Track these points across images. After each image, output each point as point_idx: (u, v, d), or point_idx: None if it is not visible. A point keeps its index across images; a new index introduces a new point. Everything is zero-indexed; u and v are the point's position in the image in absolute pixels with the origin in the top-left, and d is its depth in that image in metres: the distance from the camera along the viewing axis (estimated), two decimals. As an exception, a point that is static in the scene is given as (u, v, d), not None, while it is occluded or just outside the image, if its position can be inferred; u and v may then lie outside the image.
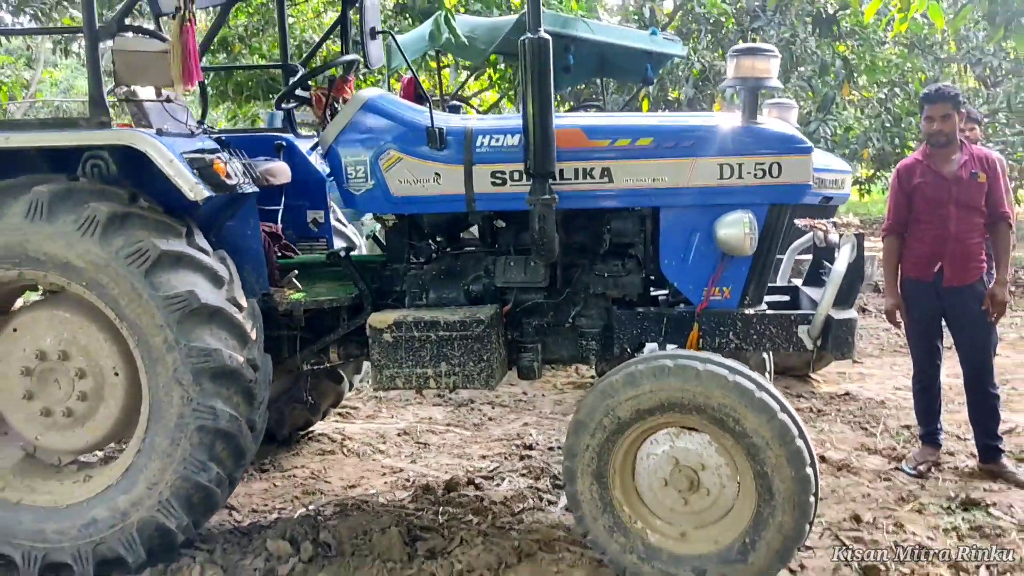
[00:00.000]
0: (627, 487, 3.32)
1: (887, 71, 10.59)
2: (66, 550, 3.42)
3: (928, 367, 4.68)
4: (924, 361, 4.68)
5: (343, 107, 3.83)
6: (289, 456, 4.91)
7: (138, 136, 3.29)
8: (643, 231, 3.73)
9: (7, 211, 3.26)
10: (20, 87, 13.63)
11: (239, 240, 3.71)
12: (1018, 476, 4.38)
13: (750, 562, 3.13)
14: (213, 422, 3.30)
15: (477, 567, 3.43)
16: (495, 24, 6.47)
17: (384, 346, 3.52)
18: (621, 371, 3.24)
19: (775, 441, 3.03)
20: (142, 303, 3.24)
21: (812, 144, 3.67)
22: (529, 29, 3.34)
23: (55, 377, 3.45)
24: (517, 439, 5.14)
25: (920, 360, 4.71)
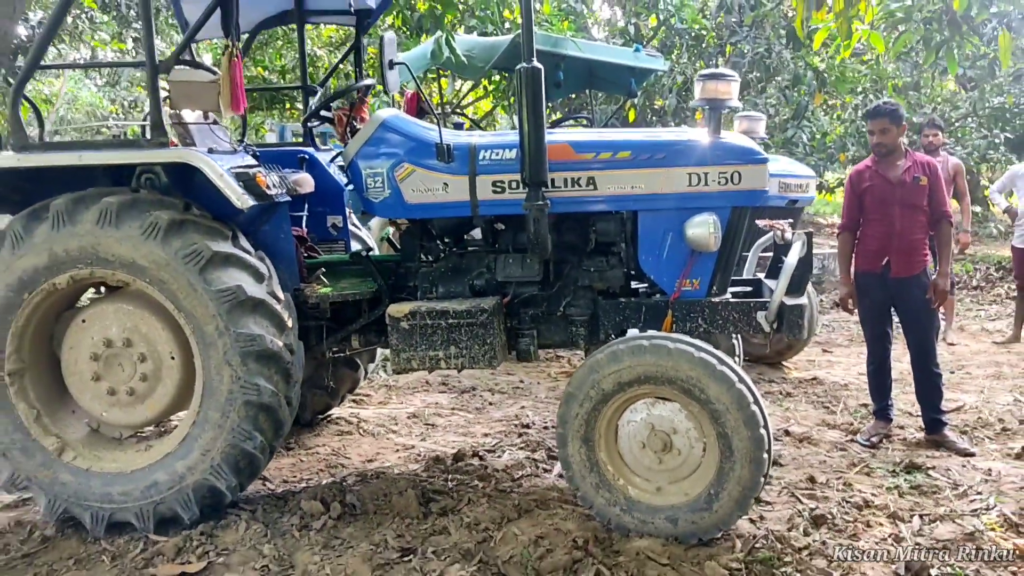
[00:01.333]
0: (611, 449, 3.86)
1: (857, 80, 11.22)
2: (130, 510, 3.98)
3: (879, 350, 5.27)
4: (876, 345, 5.27)
5: (362, 126, 4.40)
6: (311, 436, 5.47)
7: (193, 155, 3.86)
8: (624, 231, 4.30)
9: (81, 219, 3.82)
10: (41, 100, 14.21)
11: (273, 242, 4.28)
12: (958, 445, 4.96)
13: (715, 510, 3.68)
14: (257, 397, 3.87)
15: (483, 521, 3.99)
16: (492, 44, 7.05)
17: (401, 332, 4.09)
18: (605, 350, 3.80)
19: (734, 407, 3.60)
20: (197, 296, 3.81)
21: (789, 151, 4.27)
22: (523, 59, 3.92)
23: (119, 361, 4.00)
24: (515, 420, 5.72)
25: (872, 344, 5.30)
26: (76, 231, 3.82)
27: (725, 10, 10.01)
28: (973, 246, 12.83)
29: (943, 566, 3.49)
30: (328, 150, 5.33)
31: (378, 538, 3.86)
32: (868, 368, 5.36)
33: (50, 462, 4.02)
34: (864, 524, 3.91)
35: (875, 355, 5.28)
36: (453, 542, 3.80)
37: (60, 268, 3.87)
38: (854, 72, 10.35)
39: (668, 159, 4.08)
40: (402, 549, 3.76)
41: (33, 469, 4.02)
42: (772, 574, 3.48)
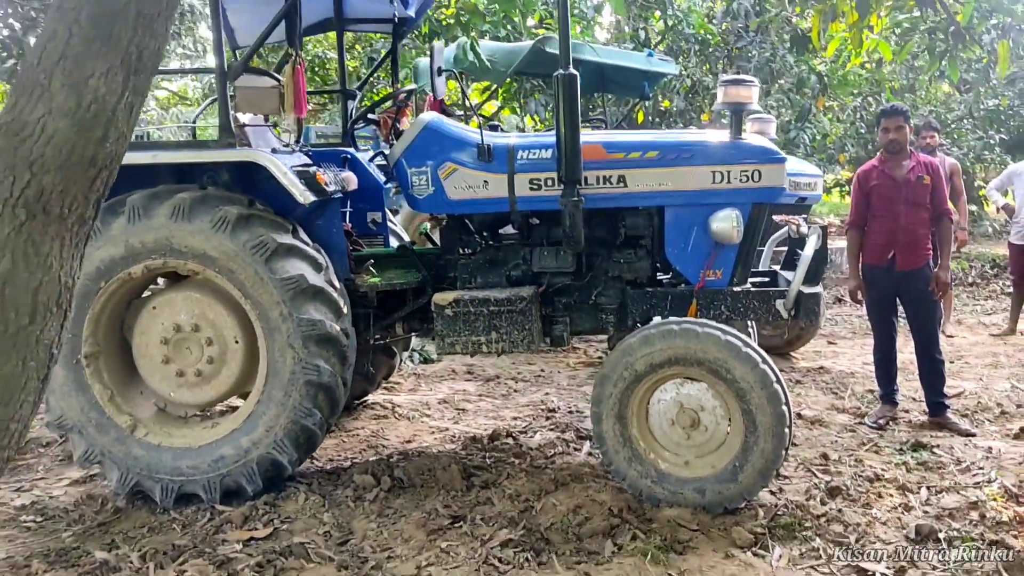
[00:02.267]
0: (642, 426, 4.18)
1: (858, 84, 11.59)
2: (198, 482, 4.30)
3: (886, 339, 5.61)
4: (882, 334, 5.61)
5: (406, 128, 4.72)
6: (350, 420, 5.79)
7: (259, 155, 4.19)
8: (651, 226, 4.63)
9: (155, 213, 4.15)
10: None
11: (327, 236, 4.61)
12: (960, 426, 5.31)
13: (740, 481, 4.01)
14: (317, 377, 4.19)
15: (523, 493, 4.31)
16: (512, 49, 7.37)
17: (446, 319, 4.42)
18: (638, 335, 4.13)
19: (758, 385, 3.93)
20: (263, 284, 4.13)
21: (791, 152, 4.61)
22: (561, 67, 4.25)
23: (187, 345, 4.33)
24: (541, 404, 6.05)
25: (879, 333, 5.64)
26: (151, 224, 4.14)
27: (731, 16, 10.38)
28: (969, 244, 13.19)
29: (950, 530, 3.81)
30: (366, 150, 5.66)
31: (429, 507, 4.19)
32: (875, 356, 5.70)
33: (123, 438, 4.34)
34: (876, 495, 4.24)
35: (881, 344, 5.62)
36: (498, 511, 4.12)
37: (136, 259, 4.19)
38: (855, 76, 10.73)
39: (693, 158, 4.42)
40: (452, 517, 4.09)
41: (107, 444, 4.34)
42: (794, 537, 3.80)
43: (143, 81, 2.17)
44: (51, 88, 2.00)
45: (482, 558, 3.67)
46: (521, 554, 3.69)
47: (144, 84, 2.18)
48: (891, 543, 3.73)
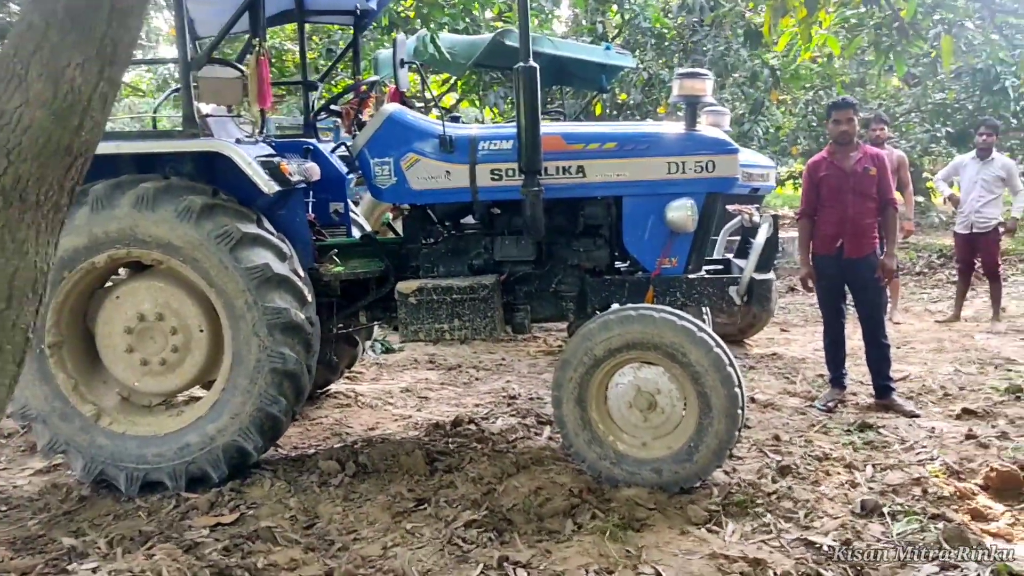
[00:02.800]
0: (601, 410, 4.30)
1: (809, 78, 11.86)
2: (163, 470, 4.34)
3: (834, 324, 5.81)
4: (831, 319, 5.81)
5: (369, 119, 4.79)
6: (314, 409, 5.85)
7: (224, 145, 4.23)
8: (610, 215, 4.75)
9: (119, 202, 4.17)
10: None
11: (290, 225, 4.66)
12: (905, 408, 5.52)
13: (695, 461, 4.15)
14: (283, 365, 4.26)
15: (486, 476, 4.42)
16: (472, 42, 7.46)
17: (410, 307, 4.50)
18: (597, 321, 4.25)
19: (712, 368, 4.07)
20: (228, 273, 4.18)
21: (745, 144, 4.76)
22: (521, 59, 4.35)
23: (152, 334, 4.36)
24: (502, 392, 6.17)
25: (828, 319, 5.84)
26: (115, 214, 4.17)
27: (687, 10, 10.55)
28: (916, 235, 13.57)
29: (893, 505, 3.99)
30: (327, 142, 5.70)
31: (393, 491, 4.27)
32: (824, 341, 5.91)
33: (88, 427, 4.36)
34: (824, 473, 4.42)
35: (831, 329, 5.82)
36: (461, 494, 4.23)
37: (99, 248, 4.21)
38: (807, 70, 10.99)
39: (650, 149, 4.55)
40: (417, 500, 4.19)
41: (72, 433, 4.36)
42: (746, 514, 3.96)
43: (117, 72, 2.23)
44: (28, 78, 2.05)
45: (446, 538, 3.77)
46: (484, 534, 3.79)
47: (118, 75, 2.23)
48: (838, 518, 3.89)
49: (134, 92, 21.57)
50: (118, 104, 18.51)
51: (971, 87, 11.80)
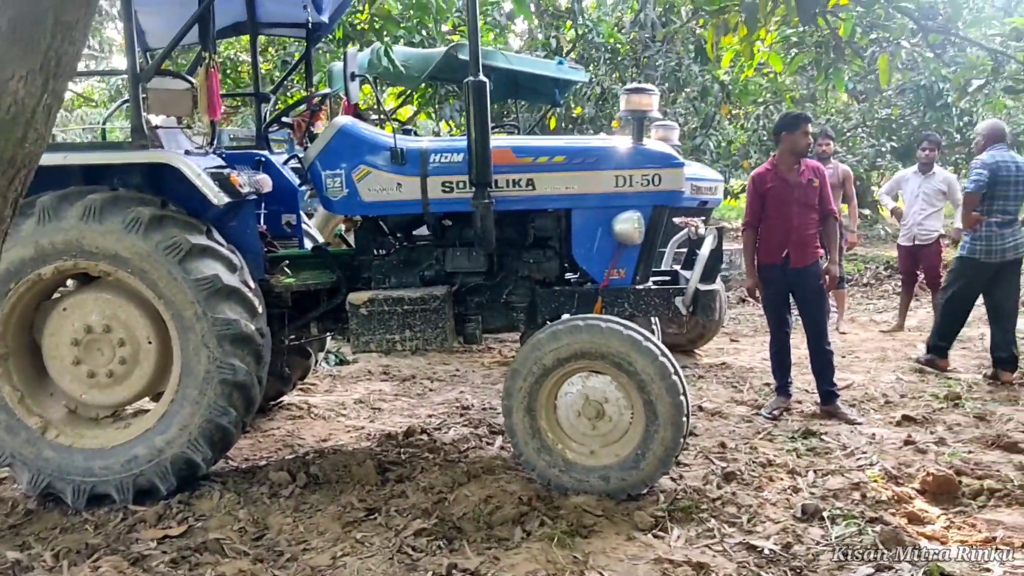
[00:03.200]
0: (550, 418, 4.37)
1: (759, 93, 12.12)
2: (111, 482, 4.31)
3: (780, 333, 5.95)
4: (777, 328, 5.95)
5: (321, 131, 4.82)
6: (266, 421, 5.83)
7: (173, 156, 4.23)
8: (559, 227, 4.83)
9: (66, 214, 4.15)
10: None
11: (241, 237, 4.66)
12: (848, 415, 5.67)
13: (642, 468, 4.23)
14: (233, 376, 4.26)
15: (437, 485, 4.45)
16: (426, 55, 7.50)
17: (361, 318, 4.53)
18: (546, 330, 4.32)
19: (657, 377, 4.16)
20: (177, 285, 4.18)
21: (698, 157, 4.88)
22: (471, 73, 4.41)
23: (99, 346, 4.34)
24: (456, 402, 6.21)
25: (774, 328, 5.98)
26: (62, 225, 4.15)
27: (639, 26, 10.73)
28: (864, 247, 13.91)
29: (833, 509, 4.11)
30: (280, 153, 5.72)
31: (344, 501, 4.29)
32: (771, 350, 6.04)
33: (34, 440, 4.32)
34: (767, 479, 4.53)
35: (777, 338, 5.96)
36: (412, 503, 4.26)
37: (46, 260, 4.19)
38: (756, 85, 11.23)
39: (598, 163, 4.64)
40: (367, 509, 4.21)
41: (18, 446, 4.31)
42: (691, 519, 4.04)
43: (61, 85, 2.25)
44: (-30, 90, 2.07)
45: (396, 547, 3.80)
46: (434, 542, 3.83)
47: (62, 88, 2.25)
48: (779, 522, 4.00)
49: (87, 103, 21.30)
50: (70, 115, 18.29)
51: (915, 103, 12.12)
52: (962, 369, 7.02)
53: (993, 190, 6.40)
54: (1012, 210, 6.43)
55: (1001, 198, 6.43)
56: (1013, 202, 6.41)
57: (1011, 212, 6.44)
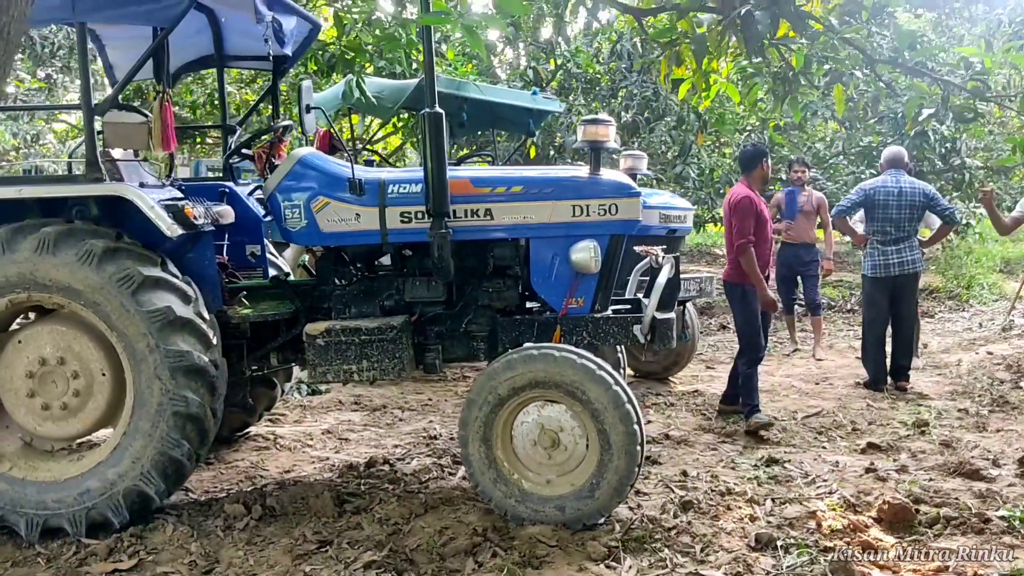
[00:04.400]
0: (506, 448, 4.35)
1: (736, 122, 12.22)
2: (63, 516, 4.28)
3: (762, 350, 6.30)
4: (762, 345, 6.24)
5: (281, 162, 4.85)
6: (230, 452, 5.81)
7: (126, 188, 4.26)
8: (518, 256, 4.84)
9: (19, 247, 4.16)
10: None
11: (198, 268, 4.66)
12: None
13: (596, 497, 4.21)
14: (185, 408, 4.25)
15: (393, 517, 4.43)
16: (399, 86, 7.57)
17: (317, 348, 4.53)
18: (501, 360, 4.32)
19: (611, 405, 4.15)
20: (129, 316, 4.18)
21: (679, 185, 4.90)
22: (427, 105, 4.46)
23: (53, 379, 4.33)
24: (424, 432, 6.19)
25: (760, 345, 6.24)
26: (15, 258, 4.16)
27: (617, 56, 10.83)
28: (848, 273, 13.94)
29: (787, 538, 4.09)
30: (246, 184, 5.74)
31: (297, 534, 4.27)
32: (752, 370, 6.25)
33: (-13, 473, 4.30)
34: (725, 507, 4.51)
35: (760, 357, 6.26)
36: (366, 535, 4.24)
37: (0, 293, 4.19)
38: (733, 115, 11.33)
39: (555, 193, 4.66)
40: (320, 542, 4.18)
41: (-30, 480, 4.29)
42: (644, 549, 4.02)
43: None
44: None
45: (345, 580, 3.78)
46: (383, 574, 3.81)
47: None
48: (732, 551, 3.98)
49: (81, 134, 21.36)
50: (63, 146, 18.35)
51: (894, 131, 12.20)
52: (934, 396, 7.02)
53: (872, 212, 7.09)
54: (892, 230, 7.05)
55: (880, 220, 7.07)
56: (895, 223, 7.03)
57: (890, 232, 7.06)
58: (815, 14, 4.31)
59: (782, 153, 13.71)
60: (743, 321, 6.21)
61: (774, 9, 3.84)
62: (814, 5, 4.51)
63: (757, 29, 3.92)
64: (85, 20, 4.21)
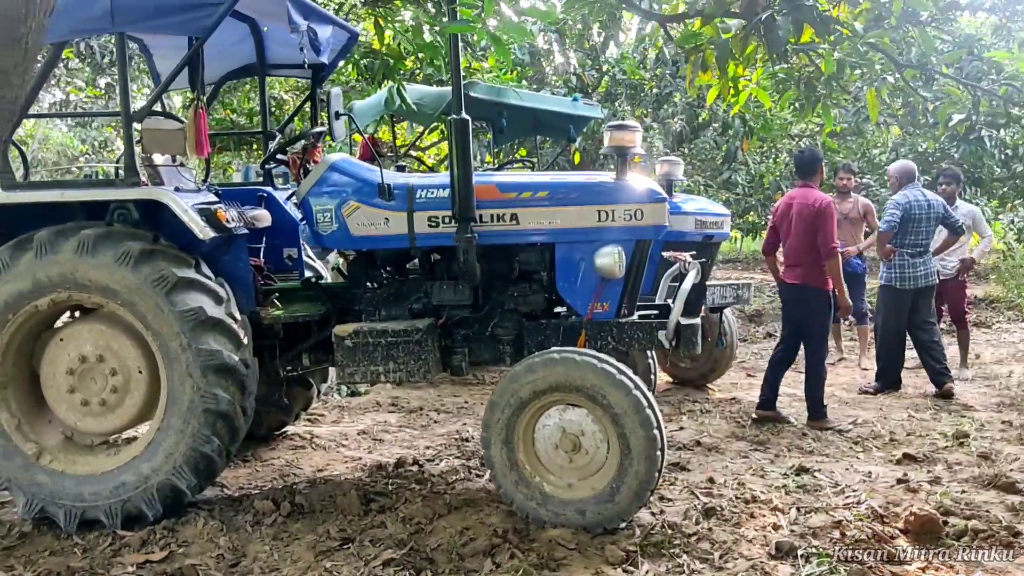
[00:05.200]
0: (528, 451, 4.39)
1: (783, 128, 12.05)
2: (100, 508, 4.45)
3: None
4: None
5: (314, 168, 4.97)
6: (267, 450, 5.95)
7: (162, 192, 4.41)
8: (543, 261, 4.89)
9: (61, 248, 4.35)
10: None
11: (232, 270, 4.80)
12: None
13: (617, 501, 4.21)
14: (216, 406, 4.38)
15: (417, 516, 4.50)
16: (441, 93, 7.67)
17: (346, 350, 4.63)
18: (523, 363, 4.36)
19: (631, 410, 4.15)
20: (163, 316, 4.33)
21: (728, 191, 4.88)
22: (453, 111, 4.53)
23: (92, 375, 4.51)
24: (456, 434, 6.25)
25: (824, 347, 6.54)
26: (57, 259, 4.34)
27: (662, 63, 10.81)
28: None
29: (809, 547, 4.05)
30: (285, 189, 5.89)
31: (322, 531, 4.36)
32: (821, 372, 6.48)
33: (29, 465, 4.49)
34: (748, 515, 4.48)
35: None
36: (389, 533, 4.31)
37: (42, 292, 4.38)
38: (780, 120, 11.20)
39: (581, 198, 4.69)
40: (343, 539, 4.27)
41: (13, 472, 4.49)
42: (662, 555, 4.02)
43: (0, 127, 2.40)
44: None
45: (363, 576, 3.85)
46: (401, 572, 3.88)
47: (1, 129, 2.41)
48: (751, 559, 3.95)
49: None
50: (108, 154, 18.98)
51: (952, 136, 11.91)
52: (980, 407, 6.85)
53: (906, 226, 7.23)
54: (923, 243, 7.32)
55: (913, 232, 7.24)
56: (925, 235, 7.31)
57: (920, 245, 7.32)
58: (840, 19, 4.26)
59: (836, 159, 13.48)
60: (819, 324, 6.42)
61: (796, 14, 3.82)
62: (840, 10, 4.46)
63: (779, 34, 3.90)
64: (124, 31, 4.39)
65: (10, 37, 2.30)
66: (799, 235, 6.30)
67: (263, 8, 5.02)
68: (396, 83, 7.06)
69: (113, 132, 17.93)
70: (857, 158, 13.18)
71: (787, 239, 6.44)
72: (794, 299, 6.43)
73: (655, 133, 10.75)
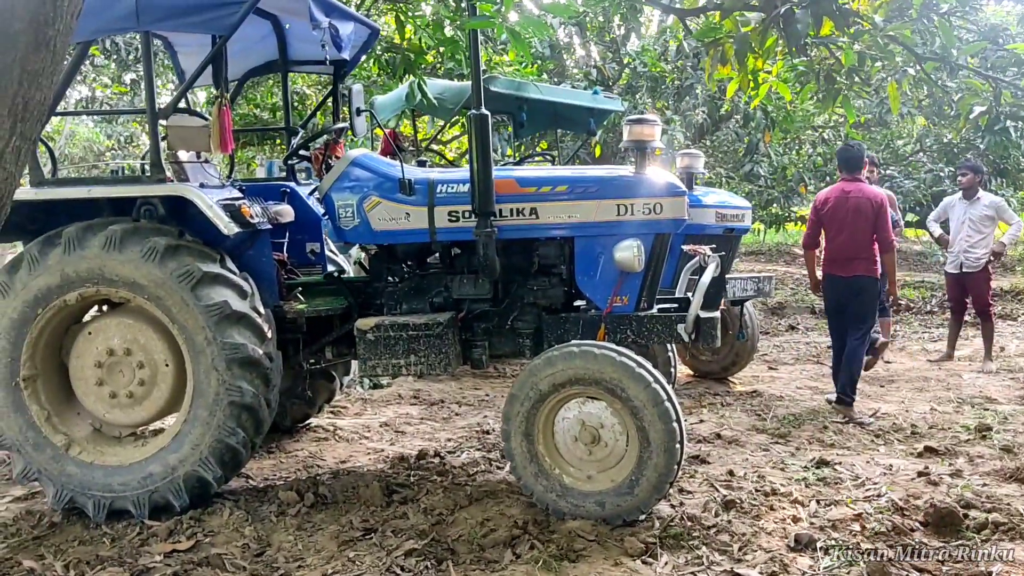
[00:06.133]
0: (548, 443, 4.43)
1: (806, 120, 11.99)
2: (128, 498, 4.55)
3: None
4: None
5: (336, 163, 5.02)
6: (291, 442, 6.03)
7: (187, 189, 4.49)
8: (563, 255, 4.92)
9: (89, 244, 4.43)
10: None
11: (256, 265, 4.88)
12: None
13: (636, 494, 4.25)
14: (240, 398, 4.45)
15: (438, 507, 4.56)
16: (461, 87, 7.71)
17: (368, 343, 4.69)
18: (542, 356, 4.39)
19: (650, 403, 4.18)
20: (189, 310, 4.41)
21: (750, 183, 4.90)
22: (473, 107, 4.56)
23: (120, 368, 4.60)
24: (478, 427, 6.31)
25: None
26: (85, 255, 4.43)
27: (683, 55, 10.79)
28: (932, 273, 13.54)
29: (828, 540, 4.06)
30: (308, 184, 5.96)
31: (345, 521, 4.43)
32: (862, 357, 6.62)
33: (58, 456, 4.59)
34: (768, 508, 4.49)
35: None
36: (410, 524, 4.37)
37: (70, 287, 4.47)
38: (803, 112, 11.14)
39: (600, 192, 4.72)
40: (365, 529, 4.34)
41: (43, 462, 4.59)
42: (681, 546, 4.04)
43: (30, 128, 2.46)
44: (-58, 134, 2.30)
45: (386, 566, 3.91)
46: (422, 563, 3.93)
47: (31, 130, 2.47)
48: (771, 551, 3.97)
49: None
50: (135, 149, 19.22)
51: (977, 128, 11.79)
52: (1003, 400, 6.81)
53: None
54: None
55: None
56: None
57: None
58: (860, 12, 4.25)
59: (859, 150, 13.36)
60: (871, 313, 6.57)
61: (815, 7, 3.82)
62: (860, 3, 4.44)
63: (798, 28, 3.90)
64: (149, 29, 4.46)
65: (38, 40, 2.36)
66: (860, 230, 6.38)
67: (285, 5, 5.08)
68: (417, 78, 7.12)
69: (139, 128, 18.14)
70: (881, 149, 13.06)
71: (838, 234, 6.44)
72: (852, 291, 6.48)
73: (676, 125, 10.74)
